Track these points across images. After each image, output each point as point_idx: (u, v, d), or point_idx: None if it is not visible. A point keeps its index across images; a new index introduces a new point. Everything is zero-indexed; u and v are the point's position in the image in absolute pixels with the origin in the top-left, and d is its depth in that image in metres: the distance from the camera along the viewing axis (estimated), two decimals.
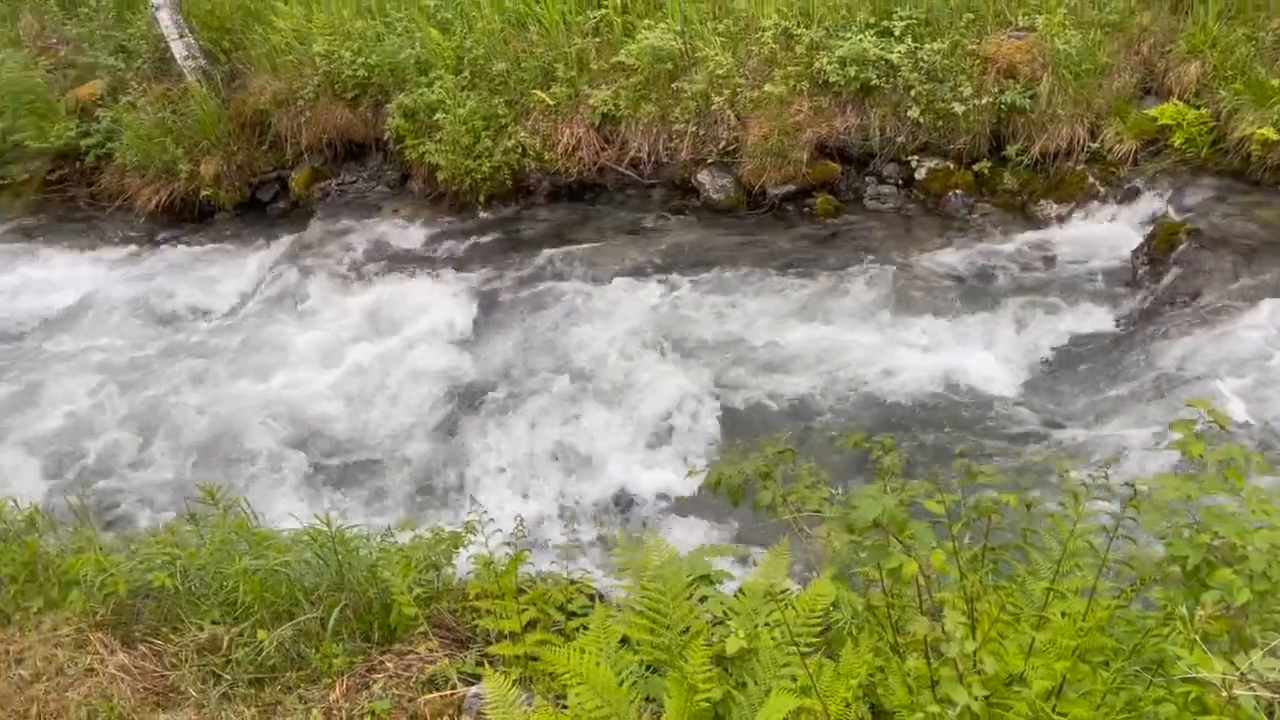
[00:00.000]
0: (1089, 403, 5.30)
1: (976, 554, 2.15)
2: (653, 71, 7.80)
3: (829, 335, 6.06)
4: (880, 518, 1.78)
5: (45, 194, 9.68)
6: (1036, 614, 1.99)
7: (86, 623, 3.56)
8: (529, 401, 5.92)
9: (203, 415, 6.13)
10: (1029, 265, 6.57)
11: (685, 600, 2.51)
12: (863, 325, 6.13)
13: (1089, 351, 5.76)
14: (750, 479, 3.13)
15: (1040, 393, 5.50)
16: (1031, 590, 2.09)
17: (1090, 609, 1.92)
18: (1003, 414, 5.32)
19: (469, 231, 8.10)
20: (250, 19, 9.33)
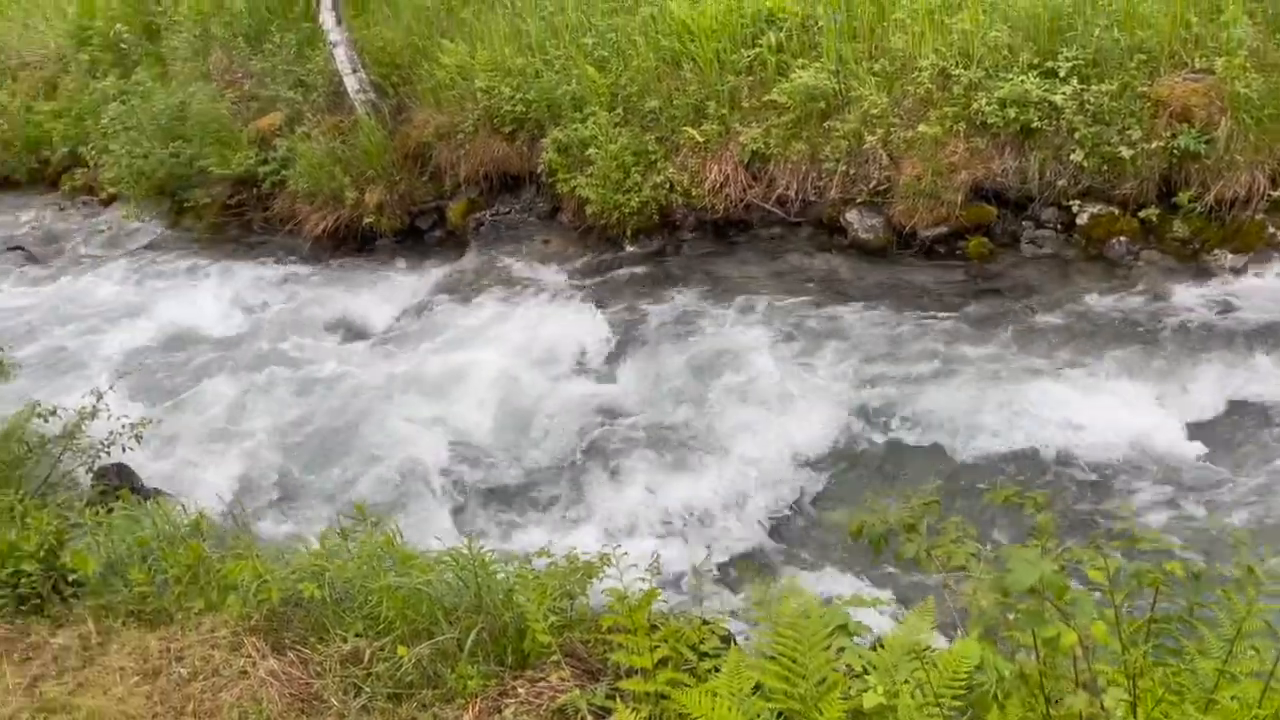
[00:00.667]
0: (1267, 469, 4.94)
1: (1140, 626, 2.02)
2: (805, 110, 7.78)
3: (978, 382, 5.86)
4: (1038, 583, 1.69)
5: (225, 217, 10.34)
6: (1205, 696, 1.86)
7: (242, 626, 3.74)
8: (667, 435, 5.95)
9: (356, 431, 6.40)
10: (1200, 317, 6.20)
11: (822, 650, 2.45)
12: (1015, 373, 5.90)
13: (1266, 412, 5.38)
14: (893, 529, 3.05)
15: (1210, 454, 5.16)
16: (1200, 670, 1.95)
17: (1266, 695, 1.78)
18: (1167, 474, 5.01)
19: (615, 264, 8.23)
20: (418, 56, 9.77)
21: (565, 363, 6.89)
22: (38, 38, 13.33)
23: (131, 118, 10.38)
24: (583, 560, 4.06)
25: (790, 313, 6.98)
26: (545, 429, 6.28)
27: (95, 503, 4.86)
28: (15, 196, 12.56)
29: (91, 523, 4.42)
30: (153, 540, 4.25)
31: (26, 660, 3.63)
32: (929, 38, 7.56)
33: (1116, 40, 6.97)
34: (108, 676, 3.47)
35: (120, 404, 5.99)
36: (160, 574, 4.10)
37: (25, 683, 3.43)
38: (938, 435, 5.51)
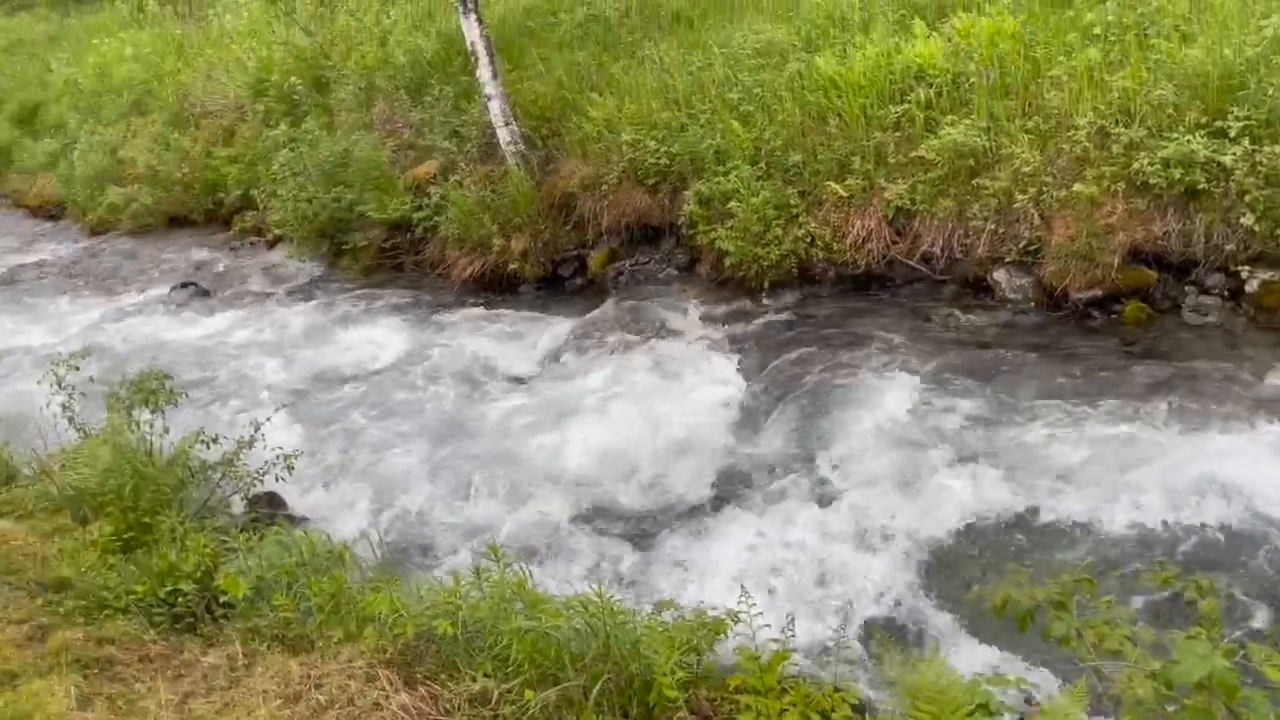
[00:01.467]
0: None
1: None
2: (953, 167, 7.64)
3: (1133, 454, 5.55)
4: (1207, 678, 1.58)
5: (379, 259, 10.82)
6: None
7: (377, 658, 3.83)
8: (800, 490, 5.85)
9: (493, 471, 6.54)
10: None
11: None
12: (1176, 447, 5.56)
13: None
14: (1041, 605, 2.91)
15: None
16: None
17: None
18: None
19: (752, 316, 8.22)
20: (568, 109, 10.07)
21: (700, 413, 6.88)
22: (220, 88, 14.34)
23: (299, 164, 11.03)
24: (711, 615, 4.02)
25: (931, 372, 6.81)
26: (678, 478, 6.27)
27: (247, 529, 5.10)
28: (191, 235, 13.47)
29: (244, 547, 4.63)
30: (298, 568, 4.42)
31: (179, 677, 3.81)
32: (1087, 95, 7.33)
33: None
34: (251, 698, 3.60)
35: (275, 434, 6.29)
36: (304, 601, 4.26)
37: (177, 699, 3.60)
38: (1087, 507, 5.23)
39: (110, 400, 6.14)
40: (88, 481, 5.38)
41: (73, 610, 4.19)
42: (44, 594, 4.34)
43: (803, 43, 9.15)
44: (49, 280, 12.79)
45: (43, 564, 4.61)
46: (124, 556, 4.82)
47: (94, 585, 4.39)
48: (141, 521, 5.14)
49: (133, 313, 10.95)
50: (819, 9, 9.44)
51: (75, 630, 3.98)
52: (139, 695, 3.59)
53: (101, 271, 12.74)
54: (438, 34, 11.92)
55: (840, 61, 8.53)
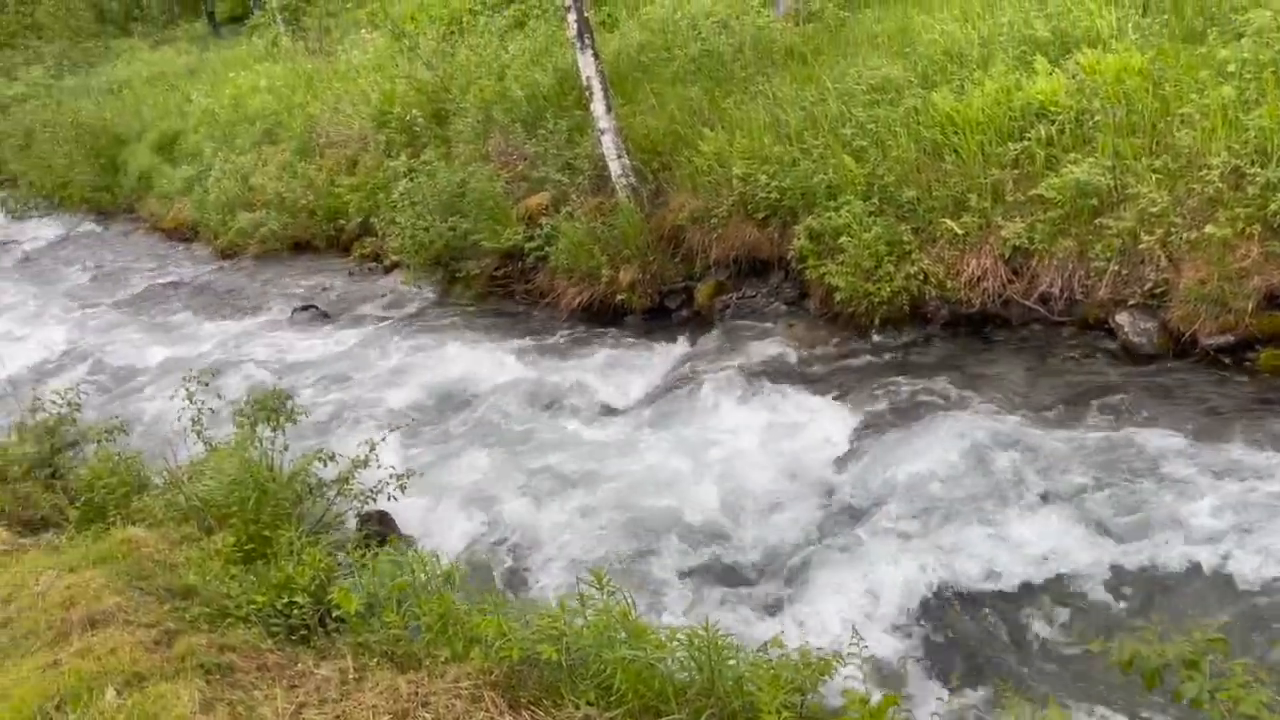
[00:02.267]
0: None
1: None
2: (1074, 206, 7.44)
3: (1268, 509, 5.27)
4: None
5: (490, 287, 11.08)
6: None
7: (483, 679, 3.88)
8: (903, 534, 5.73)
9: (597, 499, 6.59)
10: None
11: None
12: None
13: None
14: (1171, 664, 2.79)
15: None
16: None
17: None
18: None
19: (860, 353, 8.12)
20: (679, 143, 10.17)
21: (805, 450, 6.82)
22: (344, 120, 14.94)
23: (417, 193, 11.39)
24: (816, 656, 3.96)
25: (1047, 416, 6.60)
26: (780, 514, 6.21)
27: (359, 546, 5.24)
28: (313, 260, 14.03)
29: (357, 564, 4.76)
30: (409, 586, 4.52)
31: (294, 687, 3.93)
32: (1220, 134, 7.06)
33: None
34: (361, 712, 3.69)
35: (387, 454, 6.47)
36: (413, 619, 4.35)
37: (293, 709, 3.70)
38: (1218, 563, 4.98)
39: (235, 417, 6.42)
40: (213, 493, 5.62)
41: (197, 617, 4.36)
42: (171, 600, 4.54)
43: (919, 79, 9.06)
44: (181, 300, 13.48)
45: (170, 571, 4.82)
46: (245, 567, 5.01)
47: (217, 593, 4.57)
48: (262, 534, 5.34)
49: (257, 333, 11.45)
50: (936, 45, 9.35)
51: (199, 636, 4.14)
52: (257, 702, 3.71)
53: (230, 293, 13.36)
54: (554, 69, 12.21)
55: (958, 97, 8.42)
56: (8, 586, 4.61)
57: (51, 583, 4.54)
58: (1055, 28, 8.72)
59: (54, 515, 6.23)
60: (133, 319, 12.89)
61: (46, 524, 6.11)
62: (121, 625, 4.16)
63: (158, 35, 35.90)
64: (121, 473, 6.27)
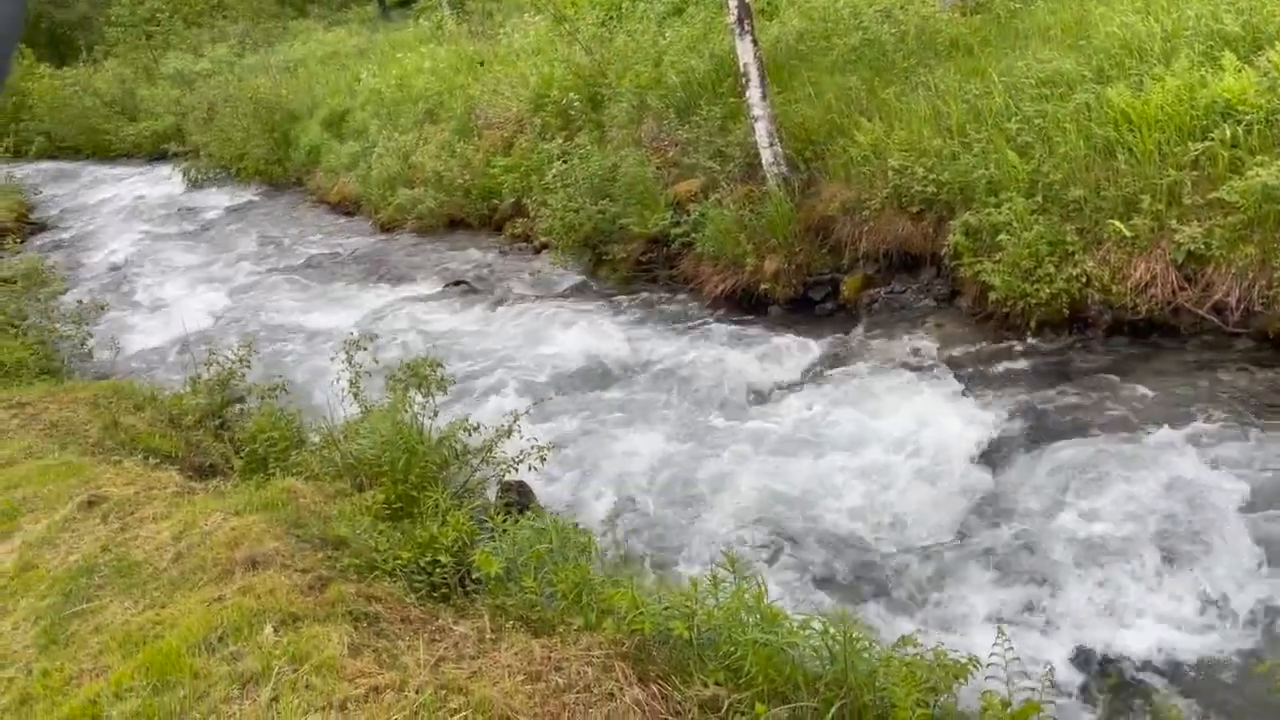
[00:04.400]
0: None
1: None
2: (1259, 212, 6.97)
3: None
4: None
5: (635, 271, 11.17)
6: None
7: (614, 650, 3.94)
8: (1048, 543, 5.51)
9: (731, 487, 6.59)
10: None
11: None
12: None
13: None
14: None
15: None
16: None
17: None
18: None
19: (1013, 355, 7.83)
20: (835, 132, 10.00)
21: (949, 450, 6.62)
22: (503, 102, 15.30)
23: (570, 176, 11.59)
24: (951, 658, 3.87)
25: (1216, 432, 6.22)
26: (917, 515, 6.07)
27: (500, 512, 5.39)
28: (466, 237, 14.45)
29: (498, 528, 4.90)
30: (547, 554, 4.63)
31: (434, 641, 4.08)
32: None
33: None
34: (497, 670, 3.80)
35: (528, 427, 6.62)
36: (549, 586, 4.45)
37: (432, 660, 3.85)
38: None
39: (390, 381, 6.69)
40: (366, 452, 5.88)
41: (347, 567, 4.58)
42: (324, 549, 4.78)
43: (1093, 73, 8.64)
44: (342, 269, 14.11)
45: (324, 522, 5.07)
46: (392, 524, 5.23)
47: (366, 546, 4.79)
48: (409, 494, 5.57)
49: (411, 304, 11.88)
50: (1113, 38, 8.89)
51: (349, 585, 4.34)
52: (400, 651, 3.87)
53: (387, 265, 13.90)
54: (711, 55, 12.19)
55: (1135, 94, 7.99)
56: (179, 524, 4.94)
57: (218, 524, 4.83)
58: (1246, 22, 8.18)
59: (221, 463, 6.65)
60: (297, 285, 13.58)
61: (214, 470, 6.53)
62: (279, 568, 4.40)
63: (332, 17, 37.66)
64: (282, 428, 6.64)
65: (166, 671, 3.67)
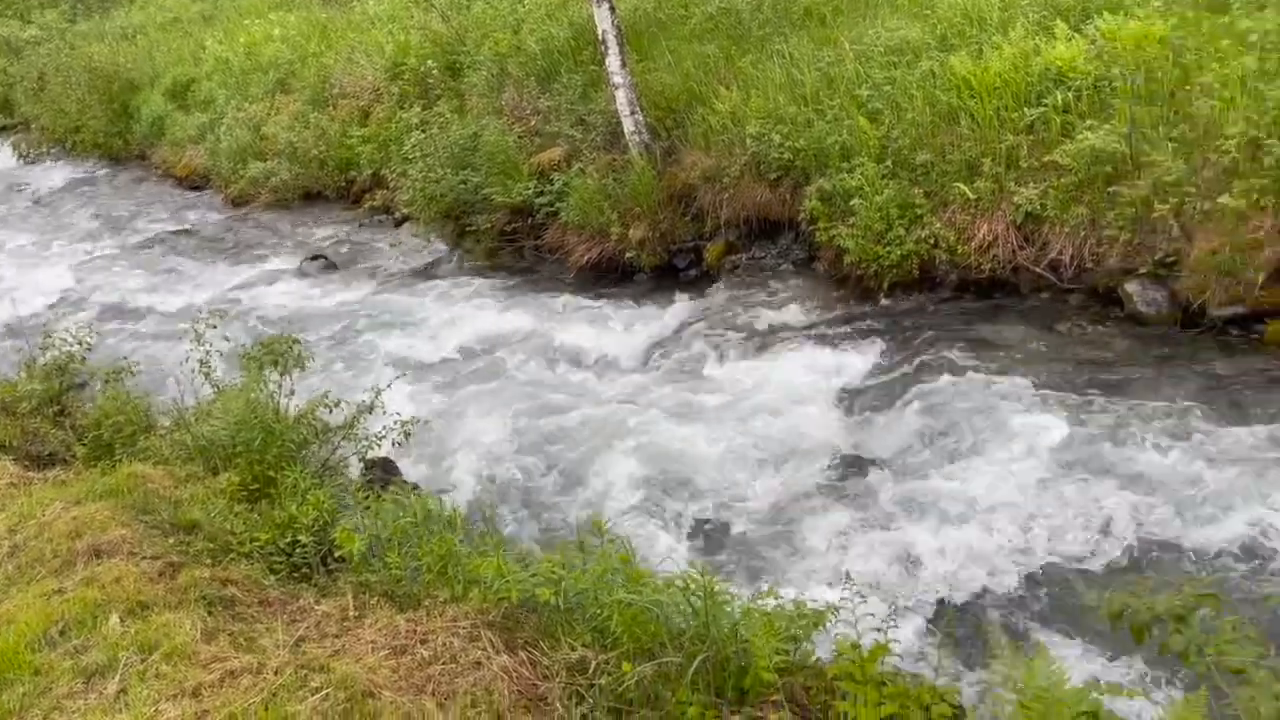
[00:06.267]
0: None
1: None
2: (1088, 174, 7.38)
3: (1266, 480, 5.28)
4: None
5: (500, 242, 11.05)
6: None
7: (481, 620, 3.93)
8: (906, 492, 5.76)
9: (599, 453, 6.63)
10: None
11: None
12: None
13: None
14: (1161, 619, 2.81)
15: None
16: None
17: None
18: None
19: (867, 316, 8.10)
20: (694, 101, 10.09)
21: (806, 408, 6.83)
22: (358, 71, 14.84)
23: (429, 146, 11.35)
24: (810, 607, 4.00)
25: (1050, 383, 6.59)
26: (783, 472, 6.25)
27: (363, 489, 5.29)
28: (324, 210, 14.01)
29: (360, 506, 4.81)
30: (411, 529, 4.57)
31: (294, 621, 3.99)
32: (1239, 104, 6.98)
33: None
34: (360, 646, 3.75)
35: (392, 403, 6.50)
36: (413, 561, 4.40)
37: (292, 641, 3.76)
38: (1215, 527, 5.00)
39: (243, 360, 6.46)
40: (219, 433, 5.67)
41: (201, 551, 4.42)
42: (176, 534, 4.60)
43: (937, 41, 8.96)
44: (191, 246, 13.50)
45: (176, 506, 4.88)
46: (249, 506, 5.08)
47: (221, 530, 4.64)
48: (267, 475, 5.40)
49: (266, 281, 11.48)
50: (955, 8, 9.22)
51: (203, 570, 4.20)
52: (258, 634, 3.77)
53: (240, 241, 13.37)
54: (570, 23, 12.09)
55: (975, 61, 8.33)
56: (14, 517, 4.68)
57: (58, 514, 4.60)
58: None
59: (62, 451, 6.30)
60: (142, 264, 12.92)
61: (54, 460, 6.18)
62: (126, 556, 4.22)
63: None
64: (129, 412, 6.33)
65: (3, 670, 3.48)
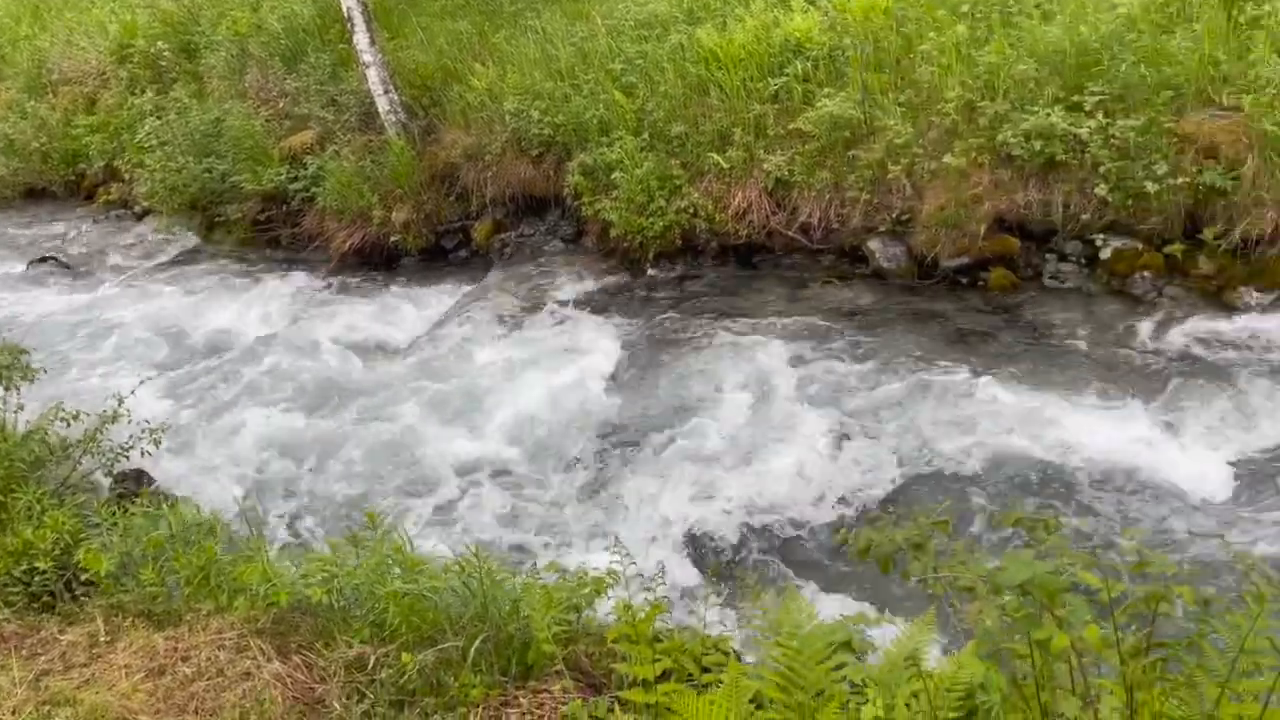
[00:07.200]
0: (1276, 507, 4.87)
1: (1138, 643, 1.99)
2: (830, 139, 7.81)
3: (993, 411, 5.83)
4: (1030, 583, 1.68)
5: (254, 232, 10.49)
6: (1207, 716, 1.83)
7: (249, 629, 3.75)
8: (680, 454, 5.95)
9: (373, 444, 6.44)
10: (1221, 355, 6.13)
11: (822, 664, 2.43)
12: (1031, 404, 5.86)
13: None
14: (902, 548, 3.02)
15: (1227, 490, 5.09)
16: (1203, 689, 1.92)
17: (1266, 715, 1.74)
18: (1181, 508, 4.95)
19: (636, 286, 8.27)
20: (449, 78, 9.91)
21: (581, 382, 6.91)
22: (79, 54, 13.61)
23: (167, 133, 10.60)
24: (591, 575, 4.06)
25: (808, 338, 6.98)
26: (559, 445, 6.30)
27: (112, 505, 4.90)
28: (50, 208, 12.81)
29: (107, 523, 4.46)
30: (166, 541, 4.28)
31: (34, 655, 3.66)
32: (955, 70, 7.58)
33: (1143, 76, 6.95)
34: (113, 673, 3.48)
35: (143, 409, 6.04)
36: (172, 575, 4.13)
37: (31, 677, 3.45)
38: (955, 463, 5.47)
39: None
40: None
41: None
42: None
43: (684, 15, 9.20)
44: None
45: None
46: None
47: None
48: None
49: None
50: None
51: None
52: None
53: None
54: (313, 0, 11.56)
55: (721, 34, 8.61)
56: None
57: None
58: None
59: None
60: None
61: None
62: None
63: None
64: None
65: None
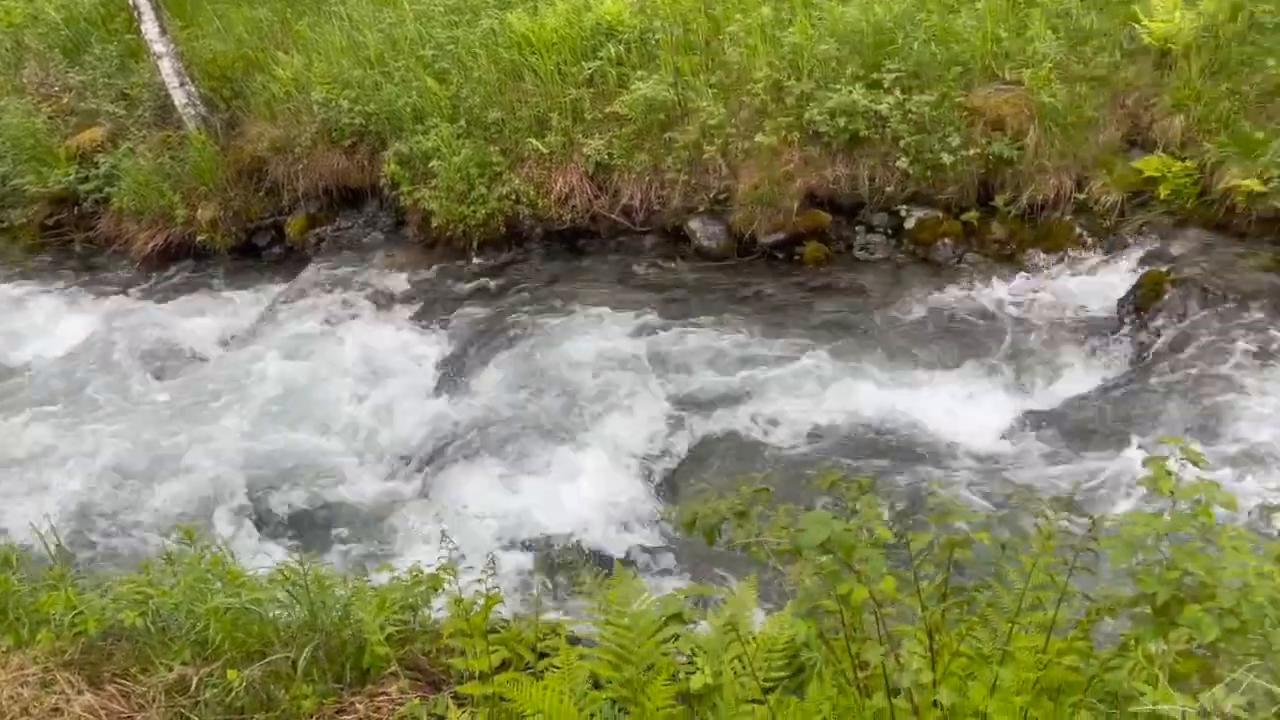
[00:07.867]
0: (1070, 453, 5.28)
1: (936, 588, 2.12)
2: (646, 122, 7.89)
3: (812, 380, 6.07)
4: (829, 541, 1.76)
5: (43, 238, 9.77)
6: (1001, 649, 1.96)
7: (54, 662, 3.50)
8: (511, 444, 5.92)
9: (186, 458, 6.12)
10: (1016, 314, 6.58)
11: (652, 638, 2.48)
12: (847, 371, 6.14)
13: (1073, 400, 5.76)
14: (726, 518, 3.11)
15: (1023, 441, 5.48)
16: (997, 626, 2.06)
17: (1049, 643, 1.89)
18: (984, 461, 5.30)
19: (461, 277, 8.14)
20: (251, 68, 9.47)
21: (407, 376, 6.78)
22: None
23: None
24: (426, 574, 3.99)
25: (635, 320, 7.06)
26: (388, 443, 6.17)
27: None
28: None
29: None
30: None
31: None
32: (762, 51, 7.79)
33: (934, 54, 7.34)
34: None
35: None
36: None
37: None
38: (777, 433, 5.68)
39: None
40: None
41: None
42: None
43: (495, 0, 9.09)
44: None
45: None
46: None
47: None
48: None
49: None
50: None
51: None
52: None
53: None
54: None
55: (532, 18, 8.55)
56: None
57: None
58: None
59: None
60: None
61: None
62: None
63: None
64: None
65: None
